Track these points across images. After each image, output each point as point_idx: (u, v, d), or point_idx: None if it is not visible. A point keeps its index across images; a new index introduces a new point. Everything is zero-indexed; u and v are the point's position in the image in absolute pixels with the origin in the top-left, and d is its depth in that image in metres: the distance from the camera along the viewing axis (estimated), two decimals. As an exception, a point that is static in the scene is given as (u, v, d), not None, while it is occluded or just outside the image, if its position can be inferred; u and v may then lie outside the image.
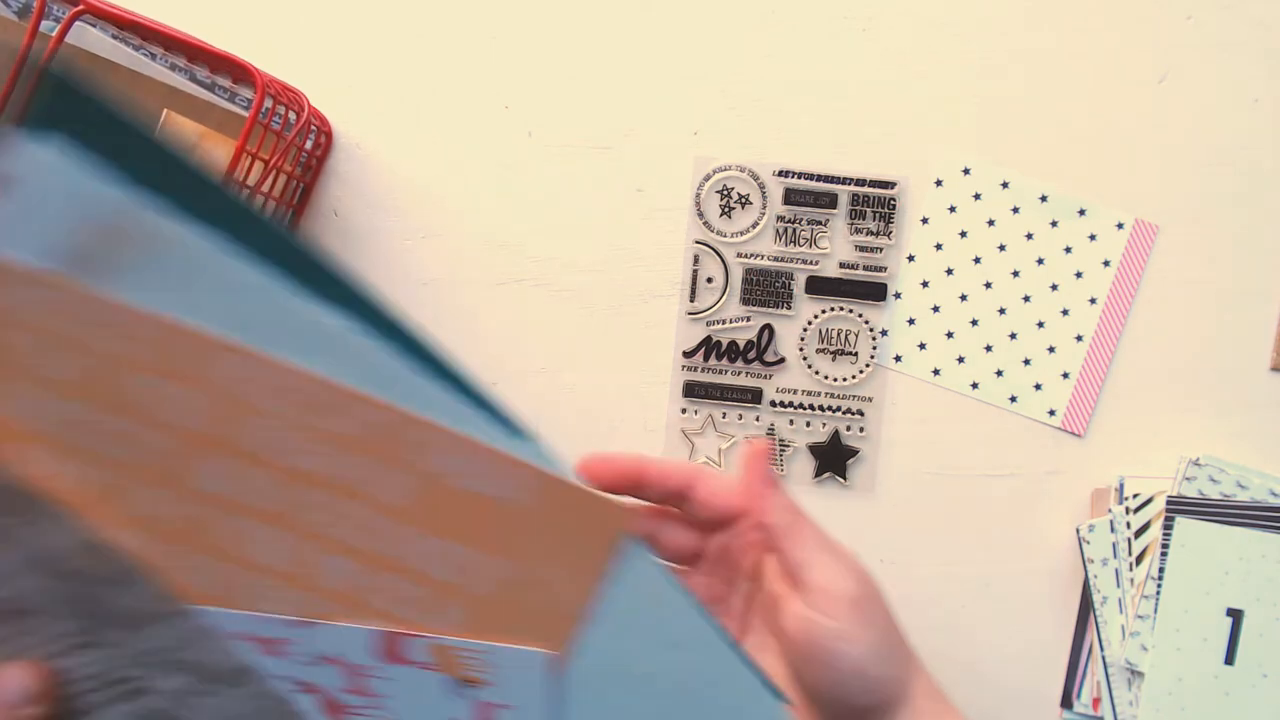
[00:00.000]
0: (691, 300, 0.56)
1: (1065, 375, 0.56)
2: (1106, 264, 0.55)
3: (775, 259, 0.56)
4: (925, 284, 0.56)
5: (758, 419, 0.56)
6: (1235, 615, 0.51)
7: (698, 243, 0.56)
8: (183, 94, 0.53)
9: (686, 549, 0.41)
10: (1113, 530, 0.53)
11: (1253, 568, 0.51)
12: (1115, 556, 0.53)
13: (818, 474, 0.56)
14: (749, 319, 0.56)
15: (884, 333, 0.56)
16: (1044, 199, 0.56)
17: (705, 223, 0.56)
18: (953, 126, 0.56)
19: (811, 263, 0.56)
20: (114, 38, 0.53)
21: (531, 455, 0.31)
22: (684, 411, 0.56)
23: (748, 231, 0.56)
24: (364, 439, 0.30)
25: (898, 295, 0.56)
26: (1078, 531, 0.54)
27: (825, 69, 0.56)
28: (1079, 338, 0.56)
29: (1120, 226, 0.55)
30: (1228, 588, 0.51)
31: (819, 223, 0.56)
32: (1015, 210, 0.56)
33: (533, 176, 0.57)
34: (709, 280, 0.56)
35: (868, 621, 0.37)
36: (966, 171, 0.56)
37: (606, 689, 0.32)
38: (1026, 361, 0.56)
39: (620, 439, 0.56)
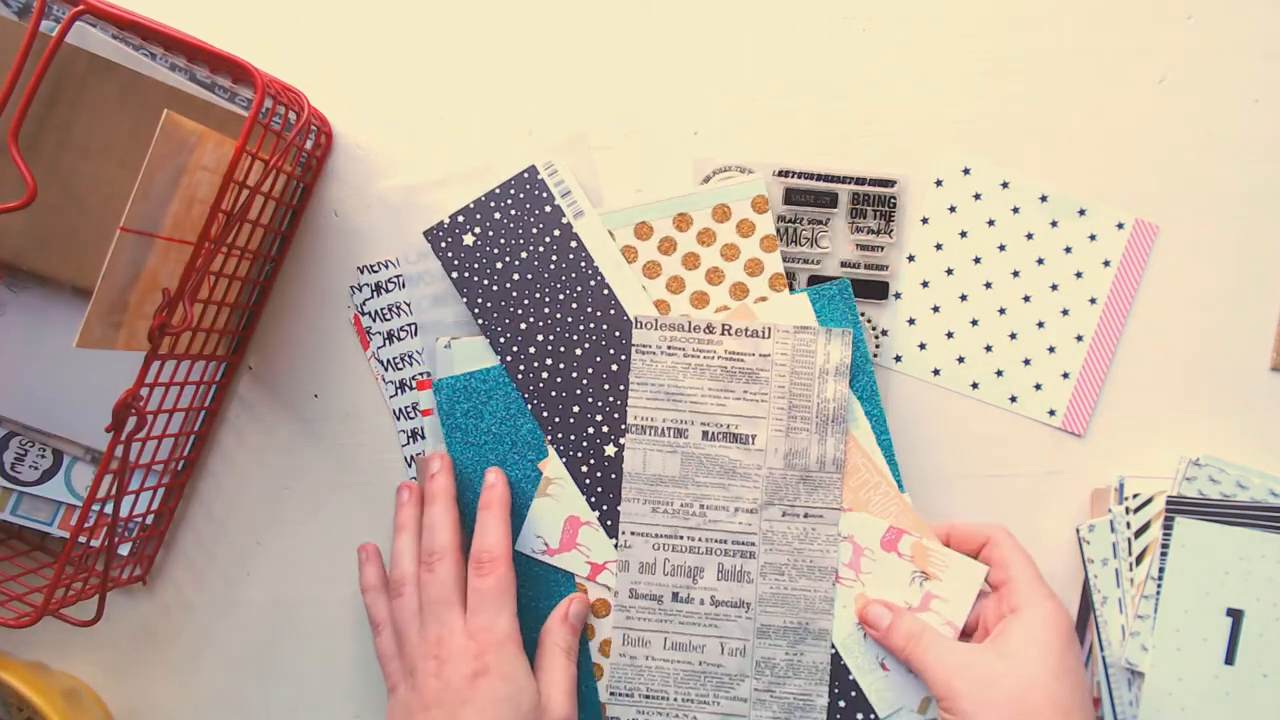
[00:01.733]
0: (692, 300, 0.56)
1: (1065, 375, 0.56)
2: (1106, 264, 0.56)
3: (776, 259, 0.56)
4: (925, 284, 0.56)
5: (758, 419, 0.56)
6: (1235, 615, 0.51)
7: (698, 243, 0.56)
8: (183, 94, 0.53)
9: None
10: (1113, 530, 0.53)
11: (1253, 568, 0.51)
12: (1115, 556, 0.53)
13: (818, 474, 0.56)
14: (749, 319, 0.56)
15: (884, 332, 0.56)
16: (1044, 199, 0.56)
17: (706, 223, 0.56)
18: (952, 126, 0.56)
19: (813, 262, 0.56)
20: (114, 38, 0.53)
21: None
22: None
23: (748, 231, 0.56)
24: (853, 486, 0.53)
25: (898, 295, 0.56)
26: (1078, 531, 0.54)
27: (825, 69, 0.56)
28: (1079, 338, 0.56)
29: (1120, 226, 0.56)
30: (1228, 588, 0.51)
31: (819, 222, 0.56)
32: (1015, 210, 0.56)
33: (533, 176, 0.57)
34: (709, 280, 0.56)
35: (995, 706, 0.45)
36: (966, 171, 0.56)
37: None
38: (1026, 361, 0.56)
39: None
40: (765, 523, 0.53)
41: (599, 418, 0.54)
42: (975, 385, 0.56)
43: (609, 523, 0.54)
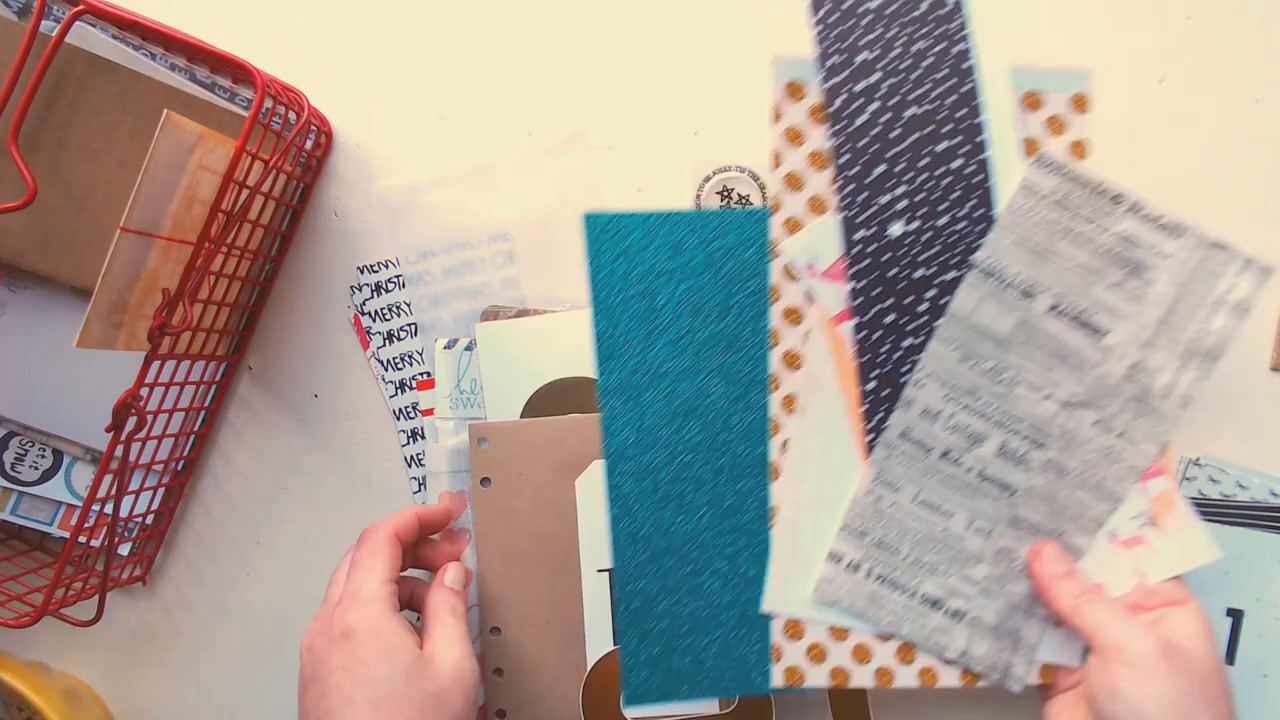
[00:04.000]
0: (692, 300, 0.56)
1: (1065, 375, 0.55)
2: (1106, 264, 0.55)
3: (776, 259, 0.56)
4: (926, 284, 0.56)
5: (758, 419, 0.56)
6: (1235, 615, 0.51)
7: (698, 243, 0.56)
8: (183, 94, 0.53)
9: None
10: (1113, 530, 0.53)
11: (1253, 568, 0.51)
12: (1115, 556, 0.53)
13: (818, 474, 0.56)
14: (749, 319, 0.56)
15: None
16: (1044, 199, 0.55)
17: (706, 223, 0.56)
18: (953, 126, 0.56)
19: (812, 263, 0.56)
20: (114, 38, 0.53)
21: None
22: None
23: (748, 232, 0.56)
24: None
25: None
26: (1078, 531, 0.54)
27: (826, 69, 0.56)
28: (1079, 338, 0.55)
29: (1120, 227, 0.55)
30: (1228, 588, 0.51)
31: (819, 223, 0.56)
32: (1016, 210, 0.55)
33: (532, 176, 0.57)
34: (709, 280, 0.56)
35: (1164, 675, 0.42)
36: (967, 171, 0.56)
37: None
38: (1027, 361, 0.55)
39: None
40: (1072, 422, 0.48)
41: (900, 189, 0.48)
42: (975, 385, 0.56)
43: (858, 302, 0.48)
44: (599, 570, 0.53)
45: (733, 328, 0.49)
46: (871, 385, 0.49)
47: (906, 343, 0.49)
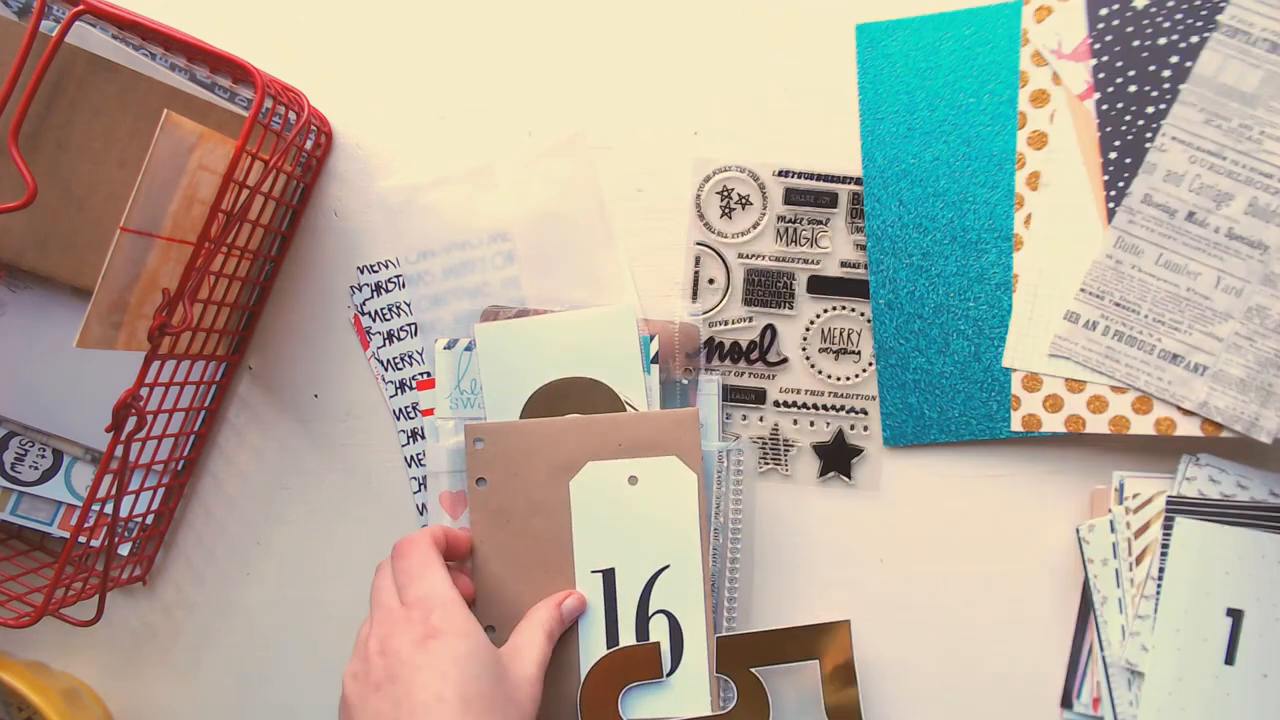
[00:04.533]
0: (693, 301, 0.56)
1: (1066, 375, 0.55)
2: (1107, 263, 0.55)
3: (776, 259, 0.56)
4: (926, 283, 0.56)
5: (761, 419, 0.56)
6: (1235, 615, 0.51)
7: (698, 244, 0.56)
8: (183, 94, 0.53)
9: None
10: (1113, 530, 0.53)
11: (1253, 568, 0.51)
12: (1115, 556, 0.53)
13: (822, 473, 0.56)
14: (751, 319, 0.56)
15: (885, 332, 0.56)
16: (1045, 198, 0.55)
17: (706, 224, 0.56)
18: (953, 126, 0.56)
19: (813, 262, 0.56)
20: (114, 38, 0.53)
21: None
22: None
23: (748, 232, 0.56)
24: None
25: (899, 295, 0.56)
26: (1078, 531, 0.54)
27: (825, 68, 0.56)
28: (1080, 337, 0.55)
29: (1121, 226, 0.55)
30: (1228, 588, 0.51)
31: (819, 222, 0.56)
32: (1017, 210, 0.55)
33: (533, 176, 0.57)
34: (710, 281, 0.56)
35: None
36: (968, 171, 0.56)
37: None
38: (1027, 361, 0.55)
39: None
40: None
41: None
42: (976, 385, 0.56)
43: (1101, 76, 0.51)
44: (593, 571, 0.53)
45: (983, 113, 0.53)
46: (1114, 155, 0.51)
47: (1149, 110, 0.50)
